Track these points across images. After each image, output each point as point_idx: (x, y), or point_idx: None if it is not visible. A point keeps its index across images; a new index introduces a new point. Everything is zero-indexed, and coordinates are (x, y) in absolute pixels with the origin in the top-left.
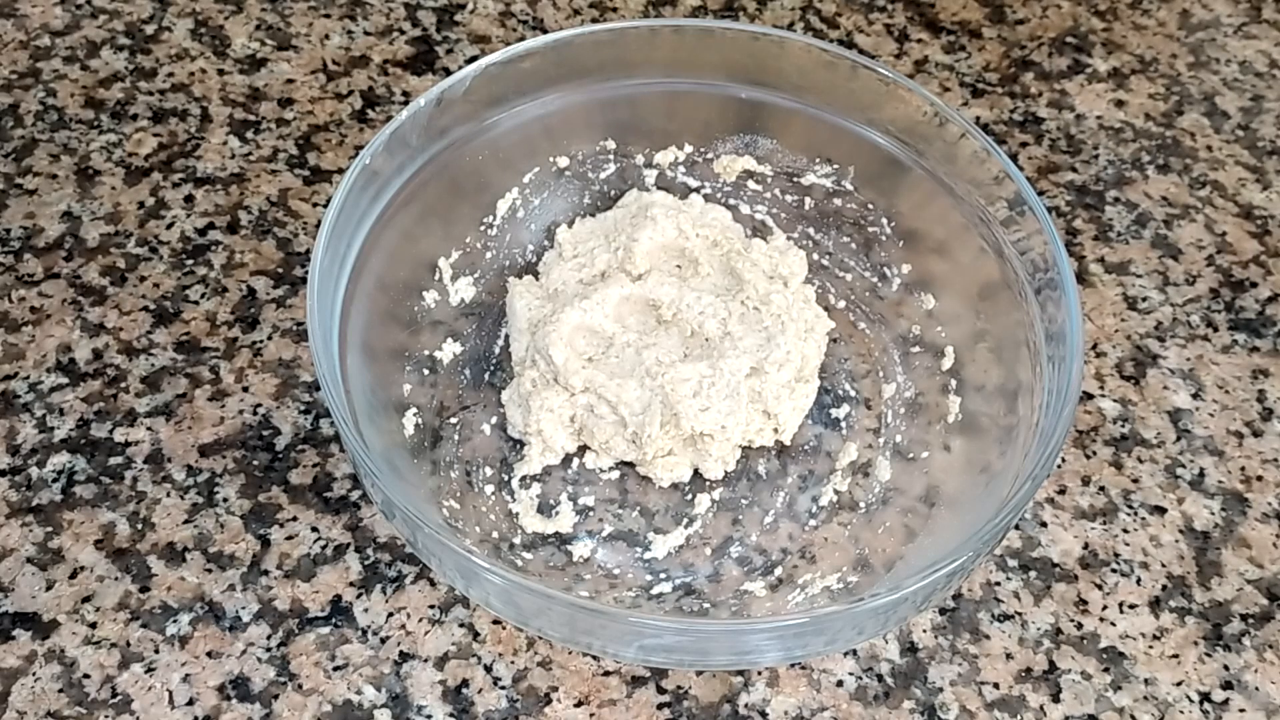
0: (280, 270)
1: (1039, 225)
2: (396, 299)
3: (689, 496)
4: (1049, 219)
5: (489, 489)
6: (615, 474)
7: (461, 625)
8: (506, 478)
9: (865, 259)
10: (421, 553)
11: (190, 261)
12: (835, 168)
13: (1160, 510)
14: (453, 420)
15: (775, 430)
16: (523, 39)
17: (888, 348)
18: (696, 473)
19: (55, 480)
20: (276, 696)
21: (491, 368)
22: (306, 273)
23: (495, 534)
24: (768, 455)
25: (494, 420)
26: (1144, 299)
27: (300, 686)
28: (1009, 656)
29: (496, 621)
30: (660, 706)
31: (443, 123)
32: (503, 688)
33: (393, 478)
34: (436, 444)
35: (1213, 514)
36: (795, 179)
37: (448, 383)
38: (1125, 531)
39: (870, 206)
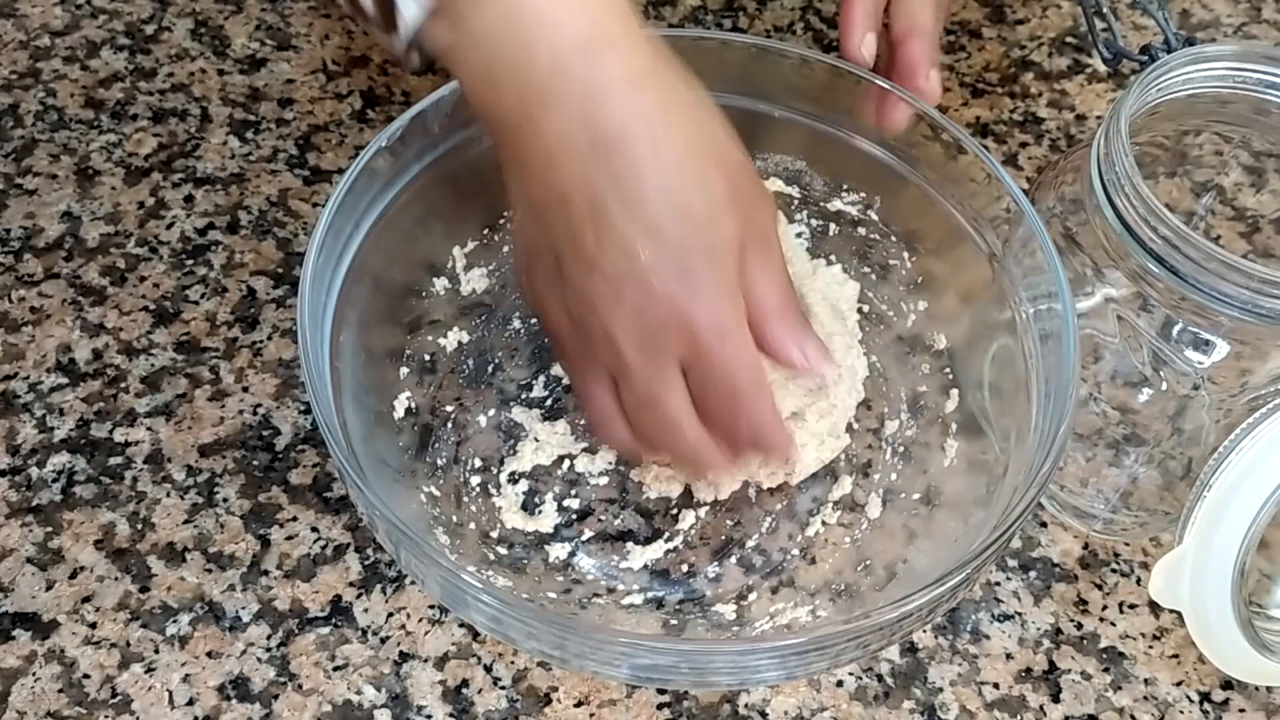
0: (280, 270)
1: (1033, 231)
2: (395, 294)
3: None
4: (1040, 224)
5: (475, 479)
6: (605, 479)
7: (461, 625)
8: (495, 471)
9: (865, 260)
10: (406, 566)
11: (190, 261)
12: (833, 171)
13: None
14: (448, 409)
15: (786, 475)
16: None
17: (888, 348)
18: (687, 488)
19: (55, 480)
20: (276, 696)
21: (493, 362)
22: None
23: (473, 525)
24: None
25: (490, 414)
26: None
27: (300, 686)
28: (1009, 656)
29: None
30: (660, 707)
31: (467, 113)
32: (503, 688)
33: (380, 487)
34: (429, 436)
35: None
36: (792, 183)
37: (445, 376)
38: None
39: (869, 210)
